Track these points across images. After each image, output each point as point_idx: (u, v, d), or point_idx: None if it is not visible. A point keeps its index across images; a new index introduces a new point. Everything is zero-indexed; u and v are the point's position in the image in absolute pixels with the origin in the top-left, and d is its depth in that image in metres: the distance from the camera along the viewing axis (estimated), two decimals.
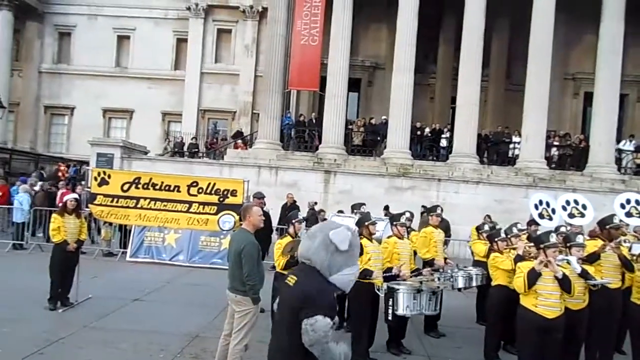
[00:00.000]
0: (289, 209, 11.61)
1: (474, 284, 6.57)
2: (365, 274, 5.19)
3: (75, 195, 7.49)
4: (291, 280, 2.55)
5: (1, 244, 11.68)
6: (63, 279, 7.02)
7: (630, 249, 6.09)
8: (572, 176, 15.59)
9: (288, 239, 6.06)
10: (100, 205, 6.92)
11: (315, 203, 13.58)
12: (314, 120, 18.06)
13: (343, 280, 2.47)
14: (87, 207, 7.21)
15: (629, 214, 6.93)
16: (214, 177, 7.80)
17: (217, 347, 4.71)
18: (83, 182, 14.06)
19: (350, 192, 14.54)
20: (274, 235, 9.77)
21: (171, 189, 6.80)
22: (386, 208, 12.40)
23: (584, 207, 7.10)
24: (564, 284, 4.50)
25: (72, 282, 7.20)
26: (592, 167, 15.74)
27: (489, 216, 11.32)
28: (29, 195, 12.69)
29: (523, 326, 4.63)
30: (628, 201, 7.13)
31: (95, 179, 6.97)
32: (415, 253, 6.95)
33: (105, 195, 6.93)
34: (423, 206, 12.26)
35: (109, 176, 7.02)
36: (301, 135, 17.65)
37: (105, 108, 24.52)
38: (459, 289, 6.54)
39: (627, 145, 16.88)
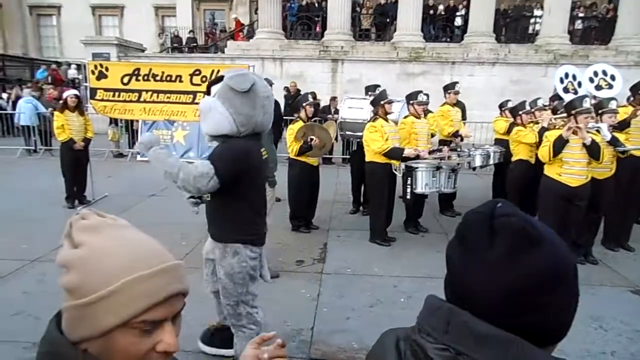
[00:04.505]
0: (293, 98, 11.21)
1: (491, 162, 6.39)
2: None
3: (75, 92, 7.17)
4: None
5: (11, 150, 11.66)
6: (76, 178, 7.03)
7: None
8: (596, 51, 14.64)
9: (300, 123, 5.82)
10: (102, 100, 6.62)
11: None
12: (316, 4, 16.76)
13: None
14: (88, 103, 6.91)
15: None
16: (216, 64, 7.34)
17: None
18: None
19: (359, 81, 13.86)
20: None
21: (173, 79, 6.41)
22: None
23: (613, 77, 6.66)
24: (593, 151, 4.29)
25: (86, 180, 7.23)
26: (618, 39, 14.70)
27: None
28: (33, 99, 12.46)
29: (546, 194, 4.54)
30: None
31: (93, 72, 6.59)
32: (432, 135, 6.71)
33: (106, 90, 6.60)
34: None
35: (107, 69, 6.62)
36: (305, 22, 16.48)
37: (94, 5, 23.09)
38: (474, 168, 6.38)
39: None
